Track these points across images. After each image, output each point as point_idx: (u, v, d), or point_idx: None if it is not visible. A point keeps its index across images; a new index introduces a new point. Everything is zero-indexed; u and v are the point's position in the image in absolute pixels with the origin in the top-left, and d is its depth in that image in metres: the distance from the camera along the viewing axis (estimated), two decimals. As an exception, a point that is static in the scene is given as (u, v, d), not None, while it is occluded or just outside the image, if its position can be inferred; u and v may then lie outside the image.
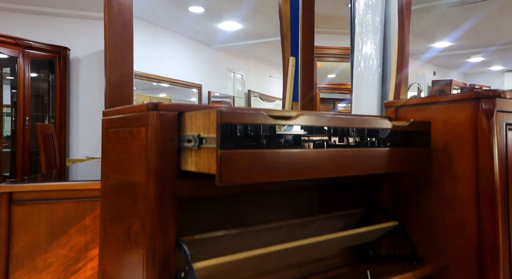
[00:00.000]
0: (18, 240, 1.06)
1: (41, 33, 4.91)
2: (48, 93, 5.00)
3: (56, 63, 4.89)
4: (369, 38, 1.92)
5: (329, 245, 0.97)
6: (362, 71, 1.89)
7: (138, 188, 0.75)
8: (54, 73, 4.88)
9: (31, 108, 4.63)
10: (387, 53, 1.89)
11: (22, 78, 4.51)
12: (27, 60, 4.59)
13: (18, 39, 4.53)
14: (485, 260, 0.94)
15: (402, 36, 1.57)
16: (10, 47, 4.46)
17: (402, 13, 1.66)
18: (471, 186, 0.97)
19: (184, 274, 0.71)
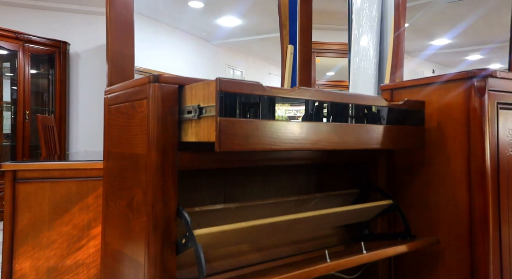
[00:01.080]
0: (22, 217, 1.09)
1: (41, 27, 4.93)
2: (48, 88, 5.02)
3: (56, 58, 4.91)
4: (366, 27, 1.95)
5: (325, 220, 1.00)
6: (359, 60, 1.92)
7: (140, 159, 0.78)
8: (54, 68, 4.89)
9: (31, 102, 4.65)
10: (383, 42, 1.92)
11: (22, 72, 4.53)
12: (27, 55, 4.61)
13: (18, 33, 4.54)
14: (476, 235, 0.96)
15: (398, 21, 1.60)
16: (10, 41, 4.48)
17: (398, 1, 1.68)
18: (463, 164, 1.00)
19: (185, 240, 0.74)
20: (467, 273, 0.98)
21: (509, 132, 1.03)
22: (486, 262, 0.94)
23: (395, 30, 1.86)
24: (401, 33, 1.87)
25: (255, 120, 0.69)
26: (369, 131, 0.90)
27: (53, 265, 1.12)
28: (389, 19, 1.92)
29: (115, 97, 0.91)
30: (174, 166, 0.76)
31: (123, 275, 0.84)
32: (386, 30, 1.98)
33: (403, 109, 0.99)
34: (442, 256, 1.04)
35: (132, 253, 0.80)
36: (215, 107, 0.66)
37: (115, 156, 0.91)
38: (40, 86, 4.97)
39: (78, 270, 1.13)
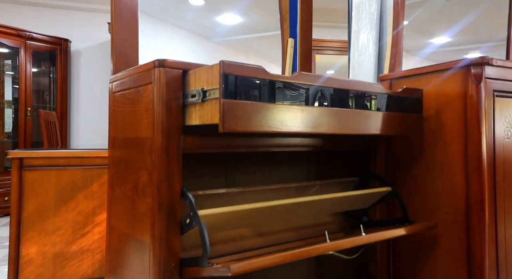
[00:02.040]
0: (28, 203, 1.11)
1: (43, 25, 4.95)
2: (49, 85, 5.04)
3: (57, 55, 4.93)
4: (365, 21, 1.97)
5: (324, 206, 1.02)
6: (358, 55, 1.94)
7: (145, 143, 0.80)
8: (55, 65, 4.91)
9: (33, 99, 4.68)
10: (382, 39, 1.94)
11: (24, 69, 4.55)
12: (28, 52, 4.63)
13: (20, 31, 4.56)
14: (472, 220, 0.99)
15: (396, 16, 1.62)
16: (12, 39, 4.50)
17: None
18: (460, 151, 1.02)
19: (189, 220, 0.76)
20: (463, 256, 1.00)
21: (505, 120, 1.05)
22: (482, 246, 0.96)
23: (394, 25, 1.88)
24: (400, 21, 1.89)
25: (257, 103, 0.72)
26: (368, 117, 0.92)
27: (59, 251, 1.14)
28: (388, 15, 1.94)
29: (120, 84, 0.93)
30: (179, 148, 0.78)
31: (128, 256, 0.86)
32: (385, 26, 2.00)
33: (401, 97, 1.01)
34: (439, 241, 1.07)
35: (137, 234, 0.82)
36: (218, 89, 0.68)
37: (120, 141, 0.93)
38: (41, 83, 4.99)
39: (83, 256, 1.16)
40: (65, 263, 1.14)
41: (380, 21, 2.01)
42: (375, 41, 1.95)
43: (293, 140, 1.01)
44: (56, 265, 1.13)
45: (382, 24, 2.00)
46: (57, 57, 4.94)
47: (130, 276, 0.85)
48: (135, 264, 0.83)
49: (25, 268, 1.10)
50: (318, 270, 1.41)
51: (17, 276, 1.09)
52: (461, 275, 1.00)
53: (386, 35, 1.95)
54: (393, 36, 1.86)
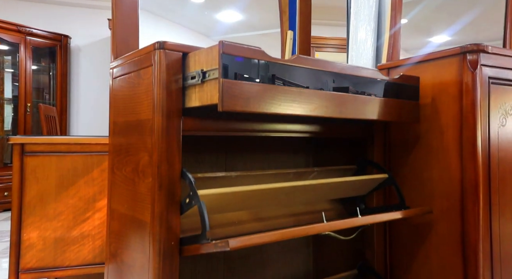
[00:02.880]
0: (30, 189, 1.13)
1: (43, 21, 4.95)
2: (49, 81, 5.05)
3: (57, 51, 4.94)
4: (363, 15, 1.99)
5: (322, 191, 1.04)
6: (357, 48, 1.95)
7: (145, 124, 0.82)
8: (55, 61, 4.92)
9: (32, 95, 4.69)
10: (380, 38, 1.96)
11: (24, 65, 4.56)
12: (28, 48, 4.64)
13: (20, 26, 4.57)
14: (467, 204, 1.00)
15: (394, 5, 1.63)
16: (12, 34, 4.51)
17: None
18: (456, 137, 1.04)
19: (189, 199, 0.78)
20: (458, 240, 1.02)
21: (500, 107, 1.07)
22: (476, 230, 0.98)
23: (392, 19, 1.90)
24: (397, 19, 1.90)
25: (256, 84, 0.73)
26: (365, 102, 0.93)
27: (60, 236, 1.15)
28: (386, 9, 1.96)
29: (120, 69, 0.94)
30: (178, 129, 0.80)
31: (129, 237, 0.88)
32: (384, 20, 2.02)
33: (398, 84, 1.03)
34: (434, 226, 1.08)
35: (137, 214, 0.84)
36: (218, 69, 0.69)
37: (121, 125, 0.94)
38: (41, 79, 5.00)
39: (83, 241, 1.17)
40: (66, 248, 1.16)
41: (378, 16, 2.02)
42: (373, 36, 1.97)
43: (291, 126, 1.02)
44: (57, 250, 1.15)
45: (381, 19, 2.02)
46: (57, 53, 4.95)
47: (130, 257, 0.87)
48: (135, 244, 0.84)
49: (26, 253, 1.12)
50: (316, 258, 1.43)
51: (18, 261, 1.11)
52: (455, 259, 1.02)
53: (384, 29, 1.97)
54: (391, 25, 1.87)
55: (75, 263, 1.16)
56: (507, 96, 1.08)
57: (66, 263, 1.15)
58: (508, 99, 1.08)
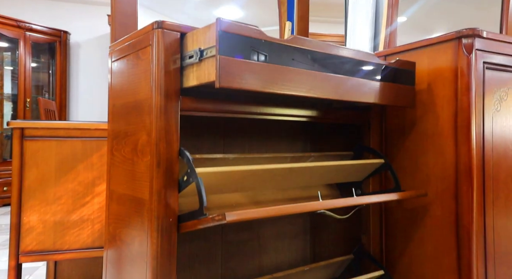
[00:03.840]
0: (30, 173, 1.14)
1: (42, 17, 4.96)
2: (48, 77, 5.05)
3: (57, 47, 4.94)
4: (361, 12, 2.01)
5: (319, 174, 1.05)
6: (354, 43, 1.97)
7: (144, 104, 0.83)
8: (55, 57, 4.93)
9: (32, 91, 4.69)
10: (377, 35, 1.98)
11: (23, 61, 4.56)
12: (28, 43, 4.64)
13: (20, 22, 4.57)
14: (461, 187, 1.02)
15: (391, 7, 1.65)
16: (11, 30, 4.51)
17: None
18: (451, 121, 1.05)
19: (187, 176, 0.79)
20: (452, 222, 1.03)
21: (495, 92, 1.08)
22: (470, 211, 0.99)
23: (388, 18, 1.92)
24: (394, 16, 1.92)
25: (253, 62, 0.74)
26: (362, 85, 0.95)
27: (59, 219, 1.17)
28: (384, 6, 1.98)
29: (119, 51, 0.95)
30: (177, 108, 0.81)
31: (127, 215, 0.89)
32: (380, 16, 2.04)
33: (395, 68, 1.04)
34: (429, 210, 1.10)
35: (136, 193, 0.85)
36: (215, 47, 0.71)
37: (119, 106, 0.95)
38: (41, 75, 5.01)
39: (83, 225, 1.19)
40: (66, 231, 1.17)
41: (376, 13, 2.04)
42: (371, 32, 1.98)
43: (288, 110, 1.03)
44: (57, 234, 1.16)
45: (378, 15, 2.04)
46: (56, 49, 4.95)
47: (129, 235, 0.88)
48: (134, 222, 0.86)
49: (26, 236, 1.13)
50: (313, 245, 1.44)
51: (18, 243, 1.12)
52: (449, 241, 1.04)
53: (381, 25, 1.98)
54: (387, 23, 1.89)
55: (75, 246, 1.17)
56: (502, 81, 1.09)
57: (65, 247, 1.17)
58: (503, 85, 1.10)
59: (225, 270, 1.24)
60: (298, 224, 1.44)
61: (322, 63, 0.87)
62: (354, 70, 0.94)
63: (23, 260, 1.13)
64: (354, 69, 0.94)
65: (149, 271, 0.77)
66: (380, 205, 1.25)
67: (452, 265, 1.04)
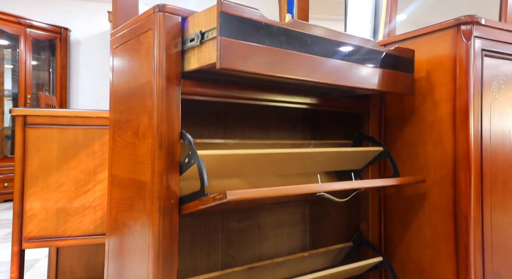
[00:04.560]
0: (32, 160, 1.15)
1: (42, 13, 4.96)
2: (48, 74, 5.06)
3: (57, 44, 4.94)
4: (361, 9, 2.02)
5: (318, 160, 1.06)
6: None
7: (146, 87, 0.84)
8: (55, 54, 4.93)
9: (32, 88, 4.70)
10: (377, 33, 1.99)
11: (24, 58, 4.57)
12: (28, 40, 4.65)
13: (20, 18, 4.58)
14: (459, 173, 1.03)
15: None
16: (12, 26, 4.52)
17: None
18: (449, 108, 1.06)
19: (188, 158, 0.80)
20: (450, 208, 1.04)
21: (493, 79, 1.09)
22: (468, 196, 1.00)
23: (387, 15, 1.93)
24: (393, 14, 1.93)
25: (254, 45, 0.75)
26: (361, 71, 0.96)
27: (62, 206, 1.18)
28: (383, 3, 1.99)
29: (120, 37, 0.96)
30: (178, 91, 0.82)
31: (129, 199, 0.90)
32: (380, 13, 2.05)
33: (394, 55, 1.05)
34: (427, 197, 1.11)
35: (138, 176, 0.86)
36: (216, 28, 0.72)
37: (121, 92, 0.96)
38: (41, 72, 5.01)
39: (85, 212, 1.20)
40: (68, 218, 1.18)
41: (375, 10, 2.05)
42: (370, 29, 1.99)
43: (288, 97, 1.04)
44: (59, 220, 1.17)
45: (377, 13, 2.05)
46: (57, 45, 4.96)
47: (131, 218, 0.89)
48: (136, 205, 0.87)
49: (29, 222, 1.14)
50: (313, 234, 1.45)
51: (21, 230, 1.13)
52: (447, 226, 1.05)
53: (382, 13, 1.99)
54: (386, 22, 1.90)
55: (77, 233, 1.18)
56: (500, 69, 1.10)
57: (68, 233, 1.18)
58: (501, 72, 1.10)
59: (226, 257, 1.25)
60: (298, 213, 1.45)
61: (322, 48, 0.88)
62: (354, 56, 0.95)
63: (26, 246, 1.14)
64: (353, 55, 0.95)
65: (151, 252, 0.79)
66: (379, 193, 1.26)
67: (449, 251, 1.05)
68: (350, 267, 1.06)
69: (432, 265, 1.09)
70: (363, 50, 0.97)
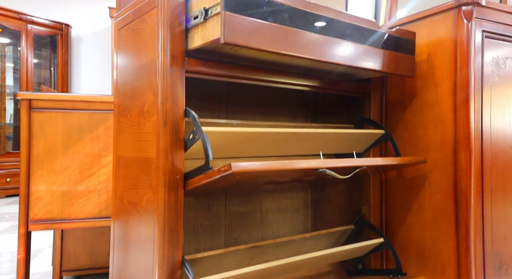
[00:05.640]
0: (38, 143, 1.16)
1: (43, 9, 4.97)
2: (49, 70, 5.07)
3: (59, 40, 4.96)
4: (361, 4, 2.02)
5: (320, 142, 1.07)
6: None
7: (151, 65, 0.85)
8: (56, 51, 4.95)
9: (34, 84, 4.72)
10: None
11: (25, 54, 4.58)
12: (30, 36, 4.66)
13: (22, 14, 4.59)
14: (459, 152, 1.04)
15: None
16: (13, 22, 4.53)
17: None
18: (450, 89, 1.07)
19: (192, 134, 0.81)
20: (450, 188, 1.05)
21: (493, 61, 1.10)
22: (468, 175, 1.01)
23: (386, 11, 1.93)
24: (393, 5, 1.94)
25: (257, 21, 0.76)
26: (364, 51, 0.97)
27: (67, 189, 1.19)
28: None
29: (124, 18, 0.97)
30: (182, 69, 0.83)
31: (135, 176, 0.92)
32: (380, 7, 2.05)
33: (395, 37, 1.06)
34: (428, 177, 1.12)
35: (143, 153, 0.88)
36: (220, 4, 0.73)
37: (125, 72, 0.98)
38: (42, 68, 5.03)
39: (89, 195, 1.21)
40: (73, 201, 1.20)
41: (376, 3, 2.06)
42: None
43: (290, 79, 1.05)
44: (65, 203, 1.18)
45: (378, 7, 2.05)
46: (58, 42, 4.97)
47: (137, 195, 0.90)
48: (141, 182, 0.88)
49: (35, 204, 1.16)
50: (315, 218, 1.47)
51: (28, 212, 1.15)
52: (447, 205, 1.06)
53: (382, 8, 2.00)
54: (385, 18, 1.91)
55: (82, 216, 1.20)
56: (500, 51, 1.11)
57: (73, 216, 1.19)
58: (501, 54, 1.11)
59: (229, 240, 1.26)
60: (300, 198, 1.47)
61: (325, 27, 0.89)
62: (356, 36, 0.96)
63: (32, 228, 1.15)
64: (356, 35, 0.96)
65: (157, 226, 0.80)
66: (380, 177, 1.27)
67: (450, 230, 1.06)
68: (351, 247, 1.07)
69: (433, 245, 1.10)
70: (366, 31, 0.98)
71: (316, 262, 1.05)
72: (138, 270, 0.88)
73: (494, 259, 1.07)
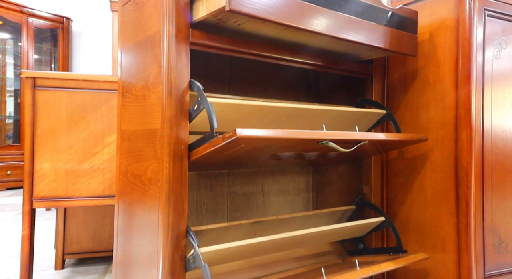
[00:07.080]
0: (41, 122, 1.17)
1: (44, 2, 4.97)
2: (50, 64, 5.07)
3: (59, 34, 4.95)
4: None
5: (322, 120, 1.08)
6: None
7: (155, 37, 0.86)
8: (57, 44, 4.94)
9: (35, 76, 4.71)
10: None
11: (26, 47, 4.58)
12: (31, 29, 4.66)
13: (22, 7, 4.59)
14: (460, 130, 1.05)
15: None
16: (14, 15, 4.53)
17: None
18: (451, 67, 1.08)
19: (197, 105, 0.82)
20: (451, 165, 1.06)
21: (495, 40, 1.11)
22: (469, 151, 1.02)
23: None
24: None
25: (261, -9, 0.77)
26: (366, 27, 0.97)
27: (71, 168, 1.20)
28: None
29: (130, -6, 0.98)
30: (187, 40, 0.84)
31: (139, 149, 0.93)
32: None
33: (398, 15, 1.06)
34: (429, 156, 1.13)
35: (148, 125, 0.88)
36: (225, -28, 0.73)
37: (129, 48, 0.98)
38: (43, 62, 5.03)
39: (93, 174, 1.22)
40: (77, 179, 1.21)
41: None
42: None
43: (294, 56, 1.06)
44: (68, 181, 1.19)
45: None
46: (59, 35, 4.96)
47: (141, 167, 0.91)
48: (146, 154, 0.89)
49: (39, 182, 1.17)
50: (316, 201, 1.48)
51: (32, 189, 1.16)
52: (448, 184, 1.07)
53: None
54: None
55: (85, 194, 1.21)
56: (502, 30, 1.12)
57: (77, 194, 1.20)
58: (503, 33, 1.12)
59: (231, 219, 1.28)
60: (301, 181, 1.48)
61: (330, 1, 0.90)
62: (360, 12, 0.97)
63: (36, 205, 1.16)
64: (360, 11, 0.97)
65: (162, 195, 0.81)
66: (381, 157, 1.28)
67: (450, 208, 1.07)
68: (352, 224, 1.08)
69: (434, 222, 1.12)
70: (370, 7, 0.99)
71: (317, 238, 1.06)
72: (142, 243, 0.89)
73: (494, 236, 1.08)
